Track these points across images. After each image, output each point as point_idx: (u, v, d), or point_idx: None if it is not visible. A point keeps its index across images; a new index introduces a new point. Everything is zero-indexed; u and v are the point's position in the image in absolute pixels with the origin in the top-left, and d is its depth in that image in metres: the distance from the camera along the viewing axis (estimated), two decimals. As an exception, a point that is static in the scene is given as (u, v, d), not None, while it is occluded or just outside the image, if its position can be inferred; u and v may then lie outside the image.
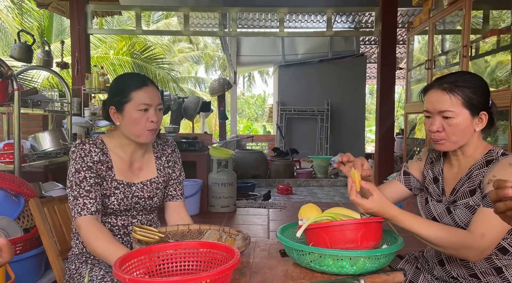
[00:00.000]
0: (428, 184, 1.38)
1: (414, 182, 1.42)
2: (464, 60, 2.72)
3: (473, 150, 1.25)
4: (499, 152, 1.22)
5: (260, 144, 10.77)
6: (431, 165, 1.39)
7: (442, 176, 1.34)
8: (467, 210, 1.21)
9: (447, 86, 1.22)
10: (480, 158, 1.24)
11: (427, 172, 1.39)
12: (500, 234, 1.11)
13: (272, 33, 7.15)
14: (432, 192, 1.36)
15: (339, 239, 1.11)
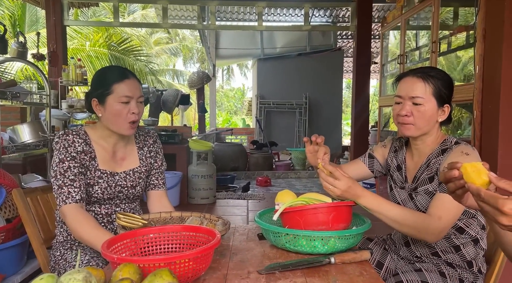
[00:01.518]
0: (393, 172, 1.48)
1: (377, 165, 1.53)
2: (433, 56, 2.86)
3: (432, 140, 1.36)
4: (452, 141, 1.33)
5: (240, 137, 10.83)
6: (395, 153, 1.50)
7: (405, 164, 1.44)
8: (427, 196, 1.32)
9: (421, 75, 1.32)
10: (437, 147, 1.35)
11: (391, 160, 1.50)
12: (455, 216, 1.22)
13: (251, 27, 7.21)
14: (396, 179, 1.47)
15: (312, 221, 1.20)
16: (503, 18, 2.01)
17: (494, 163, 2.08)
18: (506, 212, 0.68)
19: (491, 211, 0.71)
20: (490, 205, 0.71)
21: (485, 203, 0.72)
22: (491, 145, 2.11)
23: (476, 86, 2.24)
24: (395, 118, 1.38)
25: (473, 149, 1.28)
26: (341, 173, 1.21)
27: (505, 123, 2.03)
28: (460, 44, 3.15)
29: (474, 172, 0.75)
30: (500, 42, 2.03)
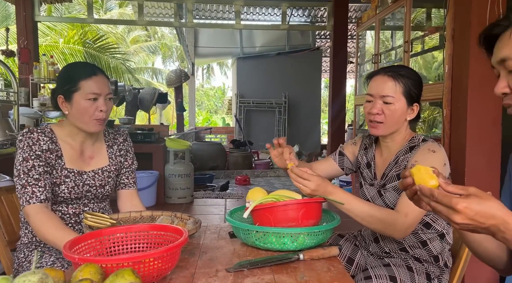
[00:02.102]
0: (363, 169, 1.50)
1: (347, 163, 1.55)
2: (406, 56, 2.91)
3: (401, 138, 1.39)
4: (420, 138, 1.36)
5: (220, 136, 10.78)
6: (365, 150, 1.52)
7: (374, 161, 1.46)
8: (395, 193, 1.35)
9: (391, 74, 1.34)
10: (405, 145, 1.37)
11: (361, 157, 1.52)
12: (421, 212, 1.25)
13: (229, 25, 7.17)
14: (365, 176, 1.49)
15: (282, 218, 1.20)
16: (470, 19, 2.07)
17: (462, 159, 2.14)
18: (459, 209, 0.69)
19: (445, 210, 0.72)
20: (443, 204, 0.72)
21: (438, 203, 0.73)
22: (459, 142, 2.17)
23: (445, 85, 2.29)
24: (366, 116, 1.40)
25: (439, 146, 1.31)
26: (310, 173, 1.21)
27: (472, 122, 2.09)
28: (433, 44, 3.22)
29: (422, 176, 0.77)
30: (468, 43, 2.08)
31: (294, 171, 1.23)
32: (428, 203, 0.75)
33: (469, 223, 0.71)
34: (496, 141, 2.09)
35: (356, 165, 1.54)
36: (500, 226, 0.70)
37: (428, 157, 1.27)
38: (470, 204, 0.69)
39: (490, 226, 0.71)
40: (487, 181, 2.10)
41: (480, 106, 2.08)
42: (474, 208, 0.69)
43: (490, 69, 2.18)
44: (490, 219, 0.70)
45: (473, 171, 2.10)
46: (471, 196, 0.71)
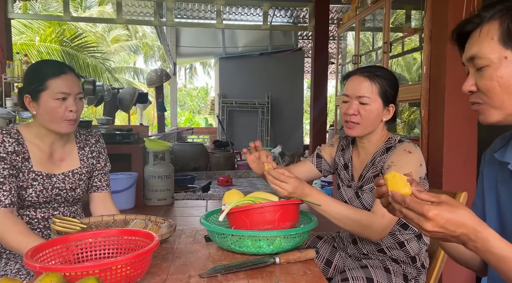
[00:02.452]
0: (340, 170, 1.49)
1: (325, 165, 1.54)
2: (385, 56, 2.93)
3: (377, 139, 1.38)
4: (396, 139, 1.36)
5: (202, 136, 10.70)
6: (342, 152, 1.51)
7: (351, 163, 1.45)
8: (372, 194, 1.34)
9: (367, 75, 1.34)
10: (382, 145, 1.37)
11: (338, 158, 1.51)
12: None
13: (210, 24, 7.09)
14: (343, 178, 1.47)
15: (258, 221, 1.18)
16: (447, 20, 2.09)
17: (440, 159, 2.15)
18: (430, 217, 0.68)
19: (416, 218, 0.71)
20: (414, 211, 0.71)
21: (410, 210, 0.72)
22: (437, 142, 2.19)
23: (423, 86, 2.31)
24: (342, 117, 1.39)
25: (415, 146, 1.31)
26: (287, 175, 1.19)
27: (449, 122, 2.11)
28: (412, 46, 3.26)
29: (396, 183, 0.76)
30: (445, 43, 2.10)
31: (271, 173, 1.20)
32: (400, 210, 0.74)
33: (440, 230, 0.70)
34: (472, 141, 2.12)
35: (333, 167, 1.53)
36: (470, 235, 0.70)
37: (404, 158, 1.26)
38: (441, 212, 0.68)
39: (461, 235, 0.70)
40: (464, 181, 2.12)
41: (457, 106, 2.10)
42: (444, 215, 0.68)
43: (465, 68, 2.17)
44: (460, 227, 0.69)
45: (450, 170, 2.12)
46: (442, 203, 0.70)
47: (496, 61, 0.77)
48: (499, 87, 0.77)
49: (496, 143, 0.94)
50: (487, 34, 0.78)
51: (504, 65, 0.76)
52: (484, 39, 0.78)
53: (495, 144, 0.94)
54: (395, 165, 1.26)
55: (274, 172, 1.20)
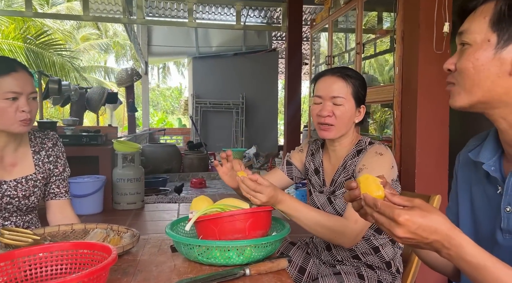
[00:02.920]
0: (311, 176, 1.44)
1: (296, 172, 1.48)
2: (358, 57, 2.92)
3: (349, 141, 1.34)
4: (366, 141, 1.32)
5: (175, 137, 10.50)
6: (312, 157, 1.45)
7: (322, 167, 1.40)
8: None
9: (340, 75, 1.29)
10: (352, 148, 1.32)
11: (309, 164, 1.45)
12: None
13: (181, 23, 6.93)
14: (314, 183, 1.42)
15: (228, 229, 1.11)
16: (418, 21, 2.08)
17: (412, 161, 2.15)
18: (401, 222, 0.64)
19: (386, 222, 0.67)
20: (385, 215, 0.67)
21: (381, 214, 0.68)
22: (409, 144, 2.19)
23: (396, 87, 2.30)
24: (315, 119, 1.33)
25: (386, 148, 1.27)
26: (263, 183, 1.11)
27: (422, 123, 2.11)
28: (385, 47, 3.27)
29: (369, 186, 0.73)
30: (417, 44, 2.10)
31: (246, 182, 1.13)
32: (371, 214, 0.70)
33: (411, 237, 0.66)
34: (444, 142, 2.13)
35: (304, 172, 1.48)
36: (444, 242, 0.66)
37: (376, 160, 1.23)
38: (412, 217, 0.64)
39: (433, 242, 0.66)
40: (436, 183, 2.12)
41: (429, 107, 2.11)
42: (416, 220, 0.64)
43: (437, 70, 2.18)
44: (433, 233, 0.65)
45: (423, 172, 2.12)
46: (414, 208, 0.66)
47: (479, 42, 0.73)
48: (473, 69, 0.74)
49: (470, 143, 0.91)
50: (481, 12, 0.74)
51: (484, 47, 0.73)
52: (477, 17, 0.75)
53: (469, 144, 0.91)
54: (367, 167, 1.22)
55: (249, 182, 1.12)
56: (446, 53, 2.06)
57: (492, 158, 0.80)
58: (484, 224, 0.82)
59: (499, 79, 0.72)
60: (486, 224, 0.82)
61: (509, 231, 0.76)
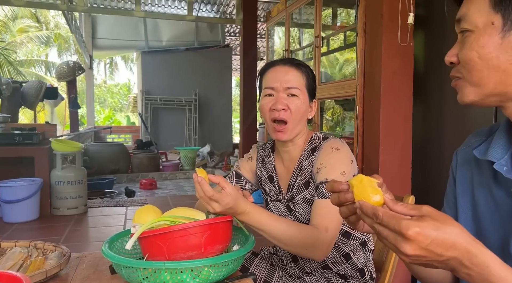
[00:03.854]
0: (265, 184, 1.27)
1: (247, 184, 1.29)
2: (317, 51, 2.81)
3: (302, 140, 1.19)
4: (319, 137, 1.17)
5: (123, 135, 9.98)
6: (262, 163, 1.28)
7: (276, 173, 1.24)
8: (306, 204, 1.15)
9: (293, 64, 1.15)
10: (306, 147, 1.17)
11: (260, 171, 1.28)
12: (340, 222, 1.07)
13: (127, 12, 6.47)
14: (269, 192, 1.26)
15: (179, 246, 0.91)
16: (382, 12, 1.99)
17: (376, 158, 2.06)
18: (410, 236, 0.50)
19: (391, 237, 0.53)
20: (389, 228, 0.52)
21: (384, 226, 0.53)
22: (372, 140, 2.10)
23: (358, 82, 2.21)
24: (268, 115, 1.14)
25: (342, 142, 1.14)
26: (219, 194, 0.92)
27: (385, 119, 2.02)
28: (346, 40, 3.20)
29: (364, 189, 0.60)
30: (380, 37, 2.01)
31: (203, 186, 0.93)
32: (371, 225, 0.56)
33: (423, 254, 0.52)
34: (407, 138, 2.06)
35: (257, 183, 1.30)
36: (463, 260, 0.52)
37: (333, 156, 1.09)
38: (424, 229, 0.50)
39: (450, 259, 0.52)
40: (400, 178, 2.06)
41: (393, 102, 2.03)
42: (429, 234, 0.51)
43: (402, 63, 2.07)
44: (450, 249, 0.52)
45: (386, 168, 2.04)
46: (425, 217, 0.52)
47: (481, 27, 0.62)
48: (479, 59, 0.62)
49: (471, 140, 0.79)
50: None
51: (489, 32, 0.61)
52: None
53: (470, 141, 0.79)
54: (325, 166, 1.08)
55: (207, 187, 0.92)
56: (410, 46, 1.99)
57: (504, 156, 0.67)
58: (492, 233, 0.70)
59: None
60: (494, 233, 0.69)
61: None
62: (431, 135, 2.14)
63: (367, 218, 0.56)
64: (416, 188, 2.12)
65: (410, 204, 0.56)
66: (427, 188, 2.20)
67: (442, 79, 2.06)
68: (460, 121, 1.96)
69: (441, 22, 2.03)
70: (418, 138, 2.15)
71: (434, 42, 2.14)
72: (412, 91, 2.05)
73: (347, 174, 1.08)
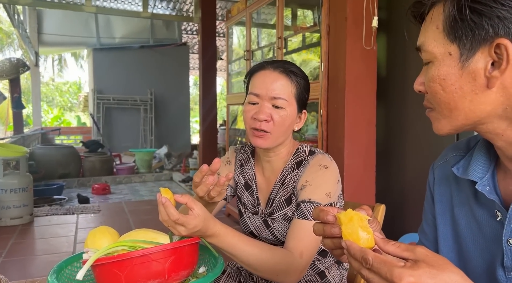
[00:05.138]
0: (241, 192, 1.18)
1: (228, 189, 1.19)
2: (279, 52, 2.76)
3: (286, 151, 1.11)
4: (306, 151, 1.09)
5: (74, 137, 9.44)
6: (241, 168, 1.19)
7: (255, 182, 1.15)
8: (286, 222, 1.07)
9: (283, 70, 1.04)
10: (290, 159, 1.09)
11: (238, 177, 1.19)
12: (317, 246, 1.00)
13: (76, 6, 6.04)
14: (245, 202, 1.17)
15: (140, 274, 0.80)
16: (345, 14, 1.97)
17: (340, 163, 2.04)
18: None
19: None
20: (381, 276, 0.47)
21: (374, 273, 0.48)
22: (337, 145, 2.08)
23: (322, 85, 2.18)
24: (248, 123, 1.06)
25: (330, 159, 1.07)
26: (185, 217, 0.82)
27: (350, 123, 2.01)
28: (310, 41, 3.17)
29: (353, 228, 0.54)
30: (344, 39, 1.99)
31: (167, 209, 0.82)
32: (358, 270, 0.50)
33: None
34: (371, 142, 2.06)
35: (235, 188, 1.21)
36: None
37: (320, 175, 1.02)
38: (420, 278, 0.46)
39: None
40: (364, 184, 2.05)
41: (357, 106, 2.02)
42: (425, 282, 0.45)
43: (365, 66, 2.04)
44: None
45: (351, 174, 2.02)
46: (419, 263, 0.47)
47: (440, 58, 0.58)
48: (443, 92, 0.59)
49: (448, 154, 0.75)
50: (432, 20, 0.59)
51: (447, 63, 0.58)
52: (429, 27, 0.60)
53: (447, 155, 0.75)
54: (310, 184, 1.01)
55: (171, 210, 0.81)
56: (373, 50, 1.99)
57: (485, 174, 0.64)
58: (474, 254, 0.66)
59: (478, 96, 0.57)
60: (477, 257, 0.65)
61: None
62: (393, 139, 2.15)
63: (354, 262, 0.51)
64: (380, 192, 2.13)
65: (404, 244, 0.50)
66: (390, 191, 2.22)
67: (404, 83, 2.08)
68: (422, 124, 1.98)
69: (403, 26, 2.04)
70: (381, 141, 2.15)
71: (396, 46, 2.15)
72: (375, 95, 2.05)
73: (332, 195, 1.01)
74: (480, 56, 0.55)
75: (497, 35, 0.53)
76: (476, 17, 0.54)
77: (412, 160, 2.06)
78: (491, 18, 0.53)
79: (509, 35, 0.53)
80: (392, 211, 1.94)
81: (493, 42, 0.54)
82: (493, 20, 0.53)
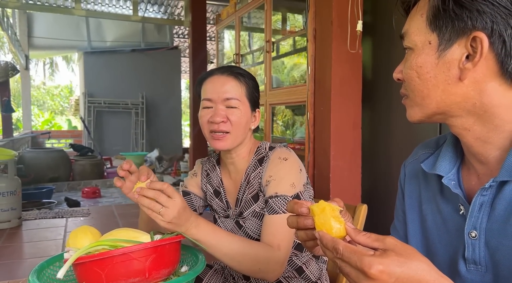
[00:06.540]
0: (211, 200, 1.21)
1: (197, 200, 1.22)
2: (268, 55, 2.79)
3: (247, 150, 1.14)
4: (266, 147, 1.14)
5: (65, 140, 9.38)
6: (208, 178, 1.22)
7: (223, 187, 1.18)
8: (256, 219, 1.10)
9: (231, 73, 1.09)
10: (252, 158, 1.13)
11: (206, 186, 1.22)
12: (292, 239, 1.03)
13: (66, 10, 6.01)
14: (217, 208, 1.19)
15: (120, 272, 0.81)
16: (331, 18, 2.00)
17: (327, 165, 2.07)
18: (373, 275, 0.47)
19: (353, 273, 0.49)
20: (351, 265, 0.49)
21: (345, 262, 0.50)
22: (323, 147, 2.10)
23: (309, 88, 2.20)
24: (206, 127, 1.09)
25: (289, 150, 1.11)
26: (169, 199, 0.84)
27: (336, 125, 2.04)
28: (297, 45, 3.21)
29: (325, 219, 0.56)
30: (330, 42, 2.02)
31: (145, 192, 0.85)
32: (332, 259, 0.52)
33: None
34: (357, 144, 2.09)
35: (206, 198, 1.24)
36: None
37: (282, 167, 1.05)
38: (388, 266, 0.47)
39: None
40: (351, 185, 2.07)
41: (343, 108, 2.05)
42: (393, 271, 0.47)
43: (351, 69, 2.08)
44: None
45: (337, 175, 2.05)
46: (388, 252, 0.49)
47: (420, 46, 0.61)
48: (418, 79, 0.61)
49: (418, 152, 0.77)
50: (418, 9, 0.62)
51: (426, 51, 0.60)
52: (415, 16, 0.62)
53: (417, 153, 0.78)
54: (274, 179, 1.04)
55: (150, 192, 0.84)
56: (358, 53, 2.02)
57: (451, 169, 0.66)
58: (439, 249, 0.68)
59: (450, 86, 0.59)
60: (442, 250, 0.68)
61: (475, 261, 0.62)
62: (379, 141, 2.18)
63: (327, 251, 0.53)
64: (366, 194, 2.16)
65: (374, 235, 0.52)
66: (375, 192, 2.24)
67: (389, 86, 2.11)
68: (406, 127, 2.01)
69: (388, 30, 2.08)
70: (367, 144, 2.18)
71: (381, 49, 2.19)
72: (361, 98, 2.09)
73: (297, 185, 1.04)
74: (457, 47, 0.57)
75: (475, 28, 0.55)
76: (458, 9, 0.56)
77: (397, 161, 2.09)
78: (471, 11, 0.55)
79: (485, 29, 0.55)
80: (378, 211, 1.97)
81: (470, 35, 0.56)
82: (473, 13, 0.55)
